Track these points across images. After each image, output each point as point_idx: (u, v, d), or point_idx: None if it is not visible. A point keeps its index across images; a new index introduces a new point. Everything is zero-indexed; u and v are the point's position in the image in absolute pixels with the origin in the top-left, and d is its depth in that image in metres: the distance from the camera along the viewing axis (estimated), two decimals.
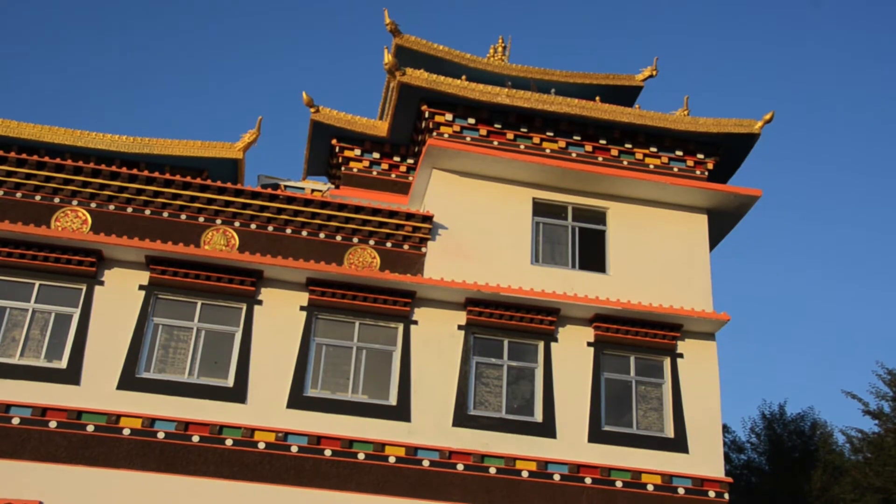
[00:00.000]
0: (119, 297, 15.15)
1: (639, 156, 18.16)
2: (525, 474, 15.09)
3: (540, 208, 17.39)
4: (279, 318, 15.50)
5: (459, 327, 15.98)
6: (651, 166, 18.12)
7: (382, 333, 15.89)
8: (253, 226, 16.21)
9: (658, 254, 17.25)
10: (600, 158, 17.98)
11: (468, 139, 17.59)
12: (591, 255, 17.23)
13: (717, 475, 15.66)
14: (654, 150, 18.15)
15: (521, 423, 15.53)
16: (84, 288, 15.12)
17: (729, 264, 47.40)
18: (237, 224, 16.17)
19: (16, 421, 13.95)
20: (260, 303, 15.57)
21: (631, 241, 17.30)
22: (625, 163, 18.04)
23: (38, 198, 15.65)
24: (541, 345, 16.21)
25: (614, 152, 18.05)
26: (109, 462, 14.05)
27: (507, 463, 15.10)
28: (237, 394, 14.83)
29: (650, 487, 15.34)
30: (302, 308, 15.63)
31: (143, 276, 15.35)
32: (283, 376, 15.11)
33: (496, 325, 16.08)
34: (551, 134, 17.94)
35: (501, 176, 17.27)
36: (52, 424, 14.05)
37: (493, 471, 15.02)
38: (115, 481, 13.91)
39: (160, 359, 15.06)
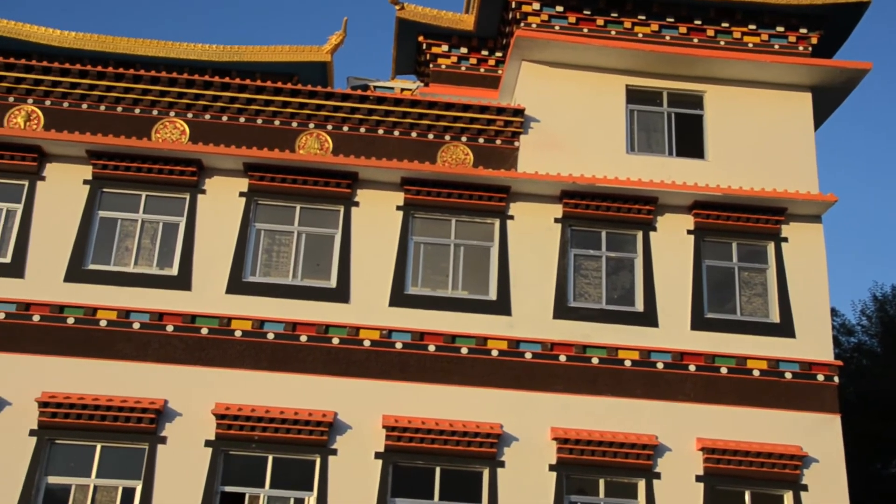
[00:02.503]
0: (221, 204, 15.53)
1: (736, 34, 17.37)
2: (628, 363, 15.14)
3: (633, 95, 16.92)
4: (376, 218, 15.67)
5: (556, 220, 15.88)
6: (750, 45, 17.33)
7: (479, 230, 15.93)
8: (345, 128, 16.27)
9: (759, 136, 16.66)
10: (695, 40, 17.28)
11: (557, 28, 17.11)
12: (689, 140, 16.76)
13: (825, 359, 15.40)
14: (752, 27, 17.32)
15: (622, 314, 15.50)
16: (187, 197, 15.54)
17: (836, 143, 45.48)
18: (330, 127, 16.26)
19: (136, 326, 14.64)
20: (357, 204, 15.75)
21: (730, 124, 16.73)
22: (721, 43, 17.31)
23: (137, 111, 16.01)
24: (639, 234, 16.01)
25: (710, 33, 17.32)
26: (224, 362, 14.67)
27: (609, 353, 15.15)
28: (340, 294, 15.17)
29: (756, 373, 15.22)
30: (398, 208, 15.76)
31: (243, 183, 15.66)
32: (384, 275, 15.36)
33: (593, 216, 15.92)
34: (643, 17, 17.29)
35: (592, 64, 16.81)
36: (170, 328, 14.69)
37: (595, 361, 15.11)
38: (229, 380, 14.54)
39: (265, 263, 15.47)
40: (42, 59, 16.37)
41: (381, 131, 16.29)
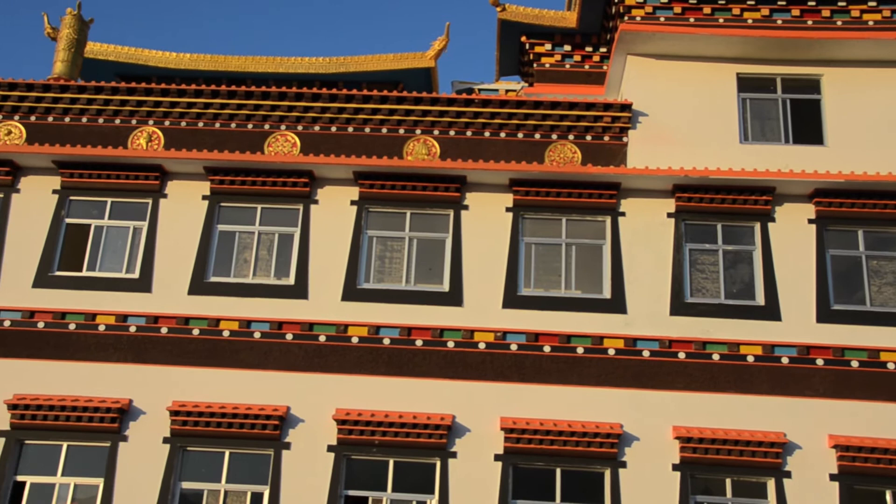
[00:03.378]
0: (333, 213, 15.82)
1: (854, 13, 16.66)
2: (750, 359, 14.67)
3: (745, 83, 16.43)
4: (486, 221, 15.68)
5: (669, 215, 15.55)
6: (870, 23, 16.60)
7: (590, 228, 15.74)
8: (452, 132, 16.35)
9: (882, 118, 15.92)
10: (809, 22, 16.67)
11: (662, 19, 16.78)
12: (806, 127, 16.16)
13: None
14: (872, 4, 16.59)
15: (743, 308, 15.04)
16: (301, 207, 15.89)
17: None
18: (436, 132, 16.37)
19: (257, 335, 15.05)
20: (466, 207, 15.79)
21: (850, 107, 16.05)
22: (839, 23, 16.63)
23: (250, 126, 16.47)
24: (757, 226, 15.51)
25: (825, 13, 16.67)
26: (342, 368, 14.91)
27: (731, 348, 14.73)
28: (454, 297, 15.23)
29: (891, 366, 14.52)
30: (507, 209, 15.72)
31: (354, 192, 15.92)
32: (496, 277, 15.34)
33: (707, 209, 15.52)
34: (752, 3, 16.78)
35: (700, 54, 16.40)
36: (289, 336, 15.05)
37: (716, 357, 14.71)
38: (348, 386, 14.78)
39: (378, 269, 15.67)
40: (160, 81, 17.07)
41: (487, 134, 16.30)
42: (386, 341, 15.01)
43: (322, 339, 15.04)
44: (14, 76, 16.68)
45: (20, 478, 14.45)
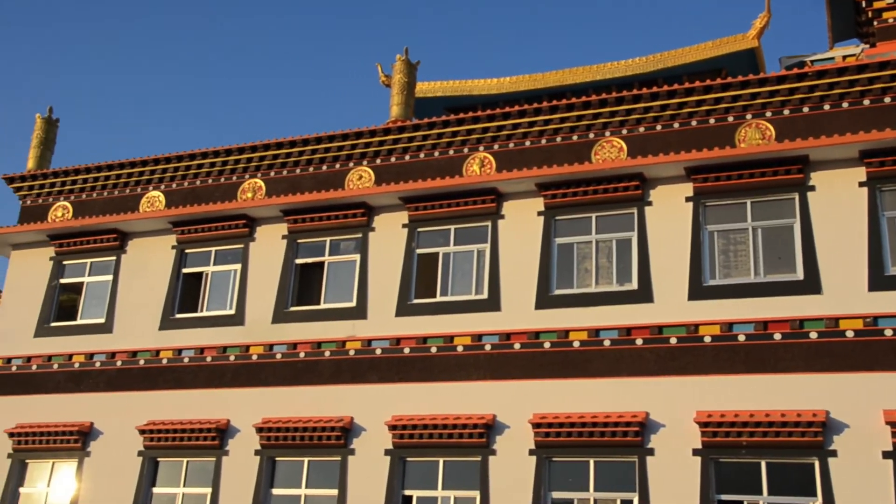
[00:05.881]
0: (669, 212, 15.48)
1: None
2: None
3: None
4: (837, 200, 14.51)
5: None
6: None
7: None
8: (786, 111, 15.36)
9: None
10: None
11: None
12: None
13: None
14: None
15: None
16: (635, 211, 15.74)
17: None
18: (769, 114, 15.47)
19: (607, 343, 15.09)
20: (812, 188, 14.74)
21: None
22: None
23: (574, 137, 16.65)
24: None
25: None
26: (697, 369, 14.47)
27: None
28: (810, 285, 14.25)
29: None
30: (861, 184, 14.44)
31: (687, 188, 15.48)
32: (857, 259, 14.13)
33: None
34: None
35: None
36: (639, 342, 14.91)
37: None
38: (705, 387, 14.29)
39: (723, 264, 15.09)
40: (485, 107, 17.80)
41: (827, 107, 15.11)
42: (741, 338, 14.36)
43: (673, 341, 14.73)
44: (357, 126, 18.30)
45: (407, 492, 15.64)
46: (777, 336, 14.17)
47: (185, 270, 18.62)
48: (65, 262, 19.71)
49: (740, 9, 52.57)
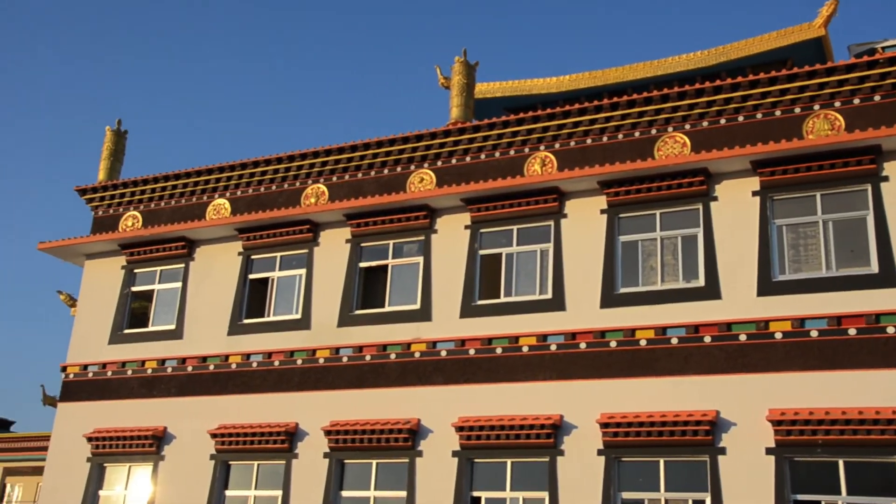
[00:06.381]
0: (735, 207, 15.21)
1: None
2: None
3: None
4: None
5: None
6: None
7: None
8: (856, 101, 14.97)
9: None
10: None
11: None
12: None
13: None
14: None
15: None
16: (700, 207, 15.50)
17: None
18: (838, 104, 15.10)
19: (674, 341, 14.88)
20: (885, 179, 14.33)
21: None
22: None
23: (636, 134, 16.46)
24: None
25: None
26: (769, 367, 14.18)
27: None
28: (886, 279, 13.86)
29: None
30: None
31: (754, 182, 15.19)
32: None
33: None
34: None
35: None
36: (707, 339, 14.67)
37: None
38: (776, 383, 14.01)
39: (792, 259, 14.77)
40: (545, 106, 17.72)
41: None
42: (813, 333, 14.04)
43: (742, 338, 14.46)
44: (417, 128, 18.35)
45: (475, 493, 15.64)
46: (852, 331, 13.82)
47: (251, 276, 18.91)
48: (136, 271, 20.18)
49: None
